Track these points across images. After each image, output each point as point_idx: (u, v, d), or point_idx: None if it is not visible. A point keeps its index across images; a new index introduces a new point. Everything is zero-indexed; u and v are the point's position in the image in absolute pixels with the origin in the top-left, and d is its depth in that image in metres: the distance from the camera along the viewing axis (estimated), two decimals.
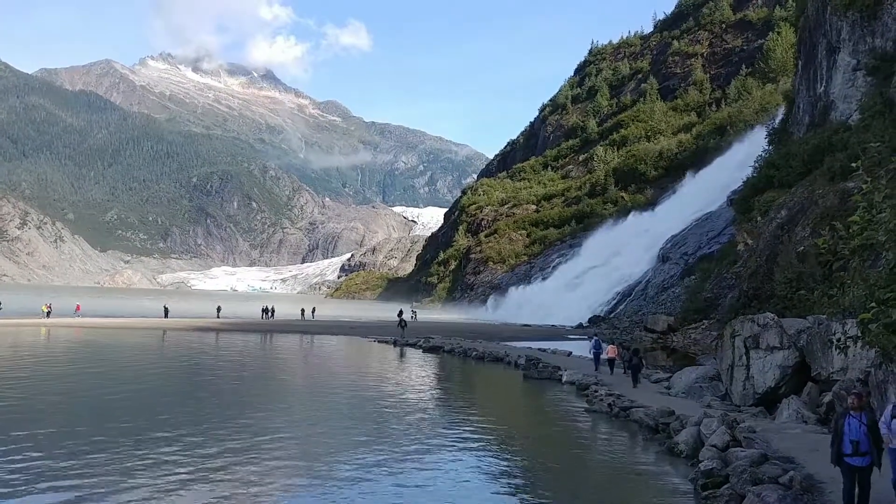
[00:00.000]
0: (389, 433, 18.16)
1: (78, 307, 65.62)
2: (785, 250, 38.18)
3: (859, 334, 10.70)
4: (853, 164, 11.14)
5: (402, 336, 50.42)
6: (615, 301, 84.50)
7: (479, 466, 15.08)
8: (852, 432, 9.92)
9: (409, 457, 15.53)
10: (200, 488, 12.54)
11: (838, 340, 12.14)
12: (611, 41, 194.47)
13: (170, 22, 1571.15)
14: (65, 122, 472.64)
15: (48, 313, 58.76)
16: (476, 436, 18.34)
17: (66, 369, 28.16)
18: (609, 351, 31.47)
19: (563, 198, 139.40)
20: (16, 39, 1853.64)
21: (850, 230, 10.44)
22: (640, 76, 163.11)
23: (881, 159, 11.47)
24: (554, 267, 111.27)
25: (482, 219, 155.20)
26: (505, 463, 15.83)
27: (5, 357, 32.48)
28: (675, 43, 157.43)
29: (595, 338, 34.88)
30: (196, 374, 29.61)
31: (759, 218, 48.56)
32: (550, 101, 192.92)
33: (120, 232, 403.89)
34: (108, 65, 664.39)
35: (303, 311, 77.82)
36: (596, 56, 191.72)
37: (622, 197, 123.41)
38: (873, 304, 10.03)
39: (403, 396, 24.91)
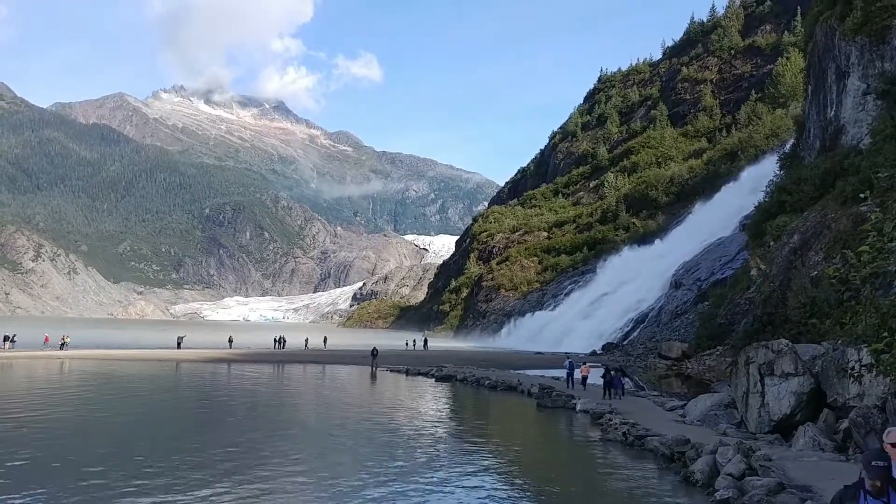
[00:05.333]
0: (404, 464, 18.09)
1: (46, 338, 65.49)
2: (798, 275, 38.04)
3: (873, 362, 10.60)
4: (861, 195, 11.10)
5: (372, 365, 51.46)
6: (629, 328, 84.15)
7: (494, 496, 15.00)
8: None
9: (424, 487, 15.46)
10: None
11: (852, 369, 12.04)
12: (620, 68, 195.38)
13: (182, 55, 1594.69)
14: (78, 155, 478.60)
15: (62, 345, 59.31)
16: (491, 465, 18.28)
17: (83, 404, 28.28)
18: (582, 370, 38.26)
19: (574, 224, 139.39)
20: (31, 75, 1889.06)
21: (861, 259, 10.35)
22: (649, 103, 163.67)
23: (891, 185, 11.47)
24: (566, 294, 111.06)
25: (493, 246, 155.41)
26: (519, 492, 15.74)
27: (27, 391, 32.72)
28: (685, 69, 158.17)
29: (568, 360, 40.24)
30: (209, 407, 29.68)
31: (771, 243, 48.34)
32: (560, 128, 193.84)
33: (133, 263, 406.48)
34: (121, 98, 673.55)
35: (306, 340, 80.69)
36: (605, 83, 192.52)
37: (634, 223, 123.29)
38: (885, 334, 9.88)
39: (417, 426, 24.82)
